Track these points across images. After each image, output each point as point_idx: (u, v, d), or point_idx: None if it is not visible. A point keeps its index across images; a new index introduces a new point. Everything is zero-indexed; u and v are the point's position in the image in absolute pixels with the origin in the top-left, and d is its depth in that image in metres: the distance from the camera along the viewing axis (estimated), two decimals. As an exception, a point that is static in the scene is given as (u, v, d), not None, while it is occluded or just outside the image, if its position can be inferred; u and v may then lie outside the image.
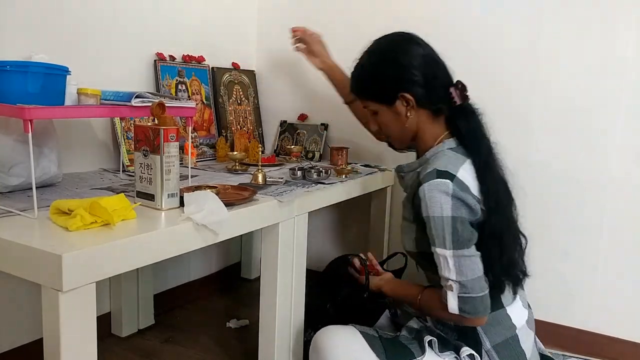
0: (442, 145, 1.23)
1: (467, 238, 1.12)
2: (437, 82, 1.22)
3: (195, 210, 1.05)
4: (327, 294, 1.53)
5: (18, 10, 1.43)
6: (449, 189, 1.12)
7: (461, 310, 1.11)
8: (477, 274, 1.11)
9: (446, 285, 1.13)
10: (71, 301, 0.83)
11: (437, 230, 1.12)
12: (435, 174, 1.14)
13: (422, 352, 1.17)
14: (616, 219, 1.70)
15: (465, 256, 1.11)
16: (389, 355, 1.15)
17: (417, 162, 1.28)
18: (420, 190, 1.15)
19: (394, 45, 1.26)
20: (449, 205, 1.11)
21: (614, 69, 1.65)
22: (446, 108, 1.23)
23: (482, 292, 1.11)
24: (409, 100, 1.22)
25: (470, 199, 1.13)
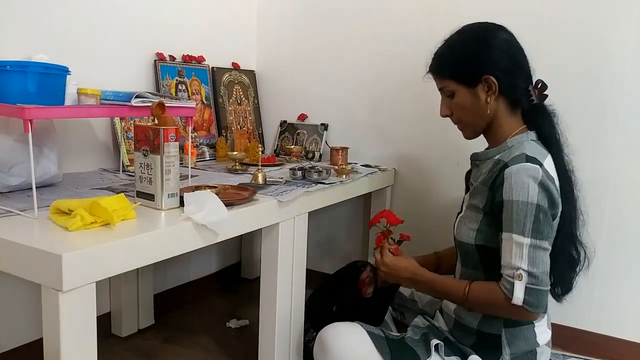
0: (526, 136, 1.19)
1: (547, 230, 1.09)
2: (521, 74, 1.19)
3: (195, 210, 1.05)
4: (334, 296, 1.53)
5: (18, 10, 1.43)
6: (539, 174, 1.08)
7: (525, 302, 1.06)
8: (547, 268, 1.08)
9: (512, 275, 1.07)
10: (71, 301, 0.83)
11: (519, 215, 1.07)
12: (524, 157, 1.10)
13: (428, 354, 1.15)
14: (616, 219, 1.70)
15: (542, 248, 1.08)
16: (394, 357, 1.15)
17: (495, 150, 1.21)
18: (506, 172, 1.10)
19: (484, 29, 1.22)
20: (535, 191, 1.07)
21: (614, 68, 1.65)
22: (525, 102, 1.21)
23: (547, 286, 1.09)
24: (492, 84, 1.17)
25: (554, 191, 1.11)
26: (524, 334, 1.18)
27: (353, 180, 1.70)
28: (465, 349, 1.20)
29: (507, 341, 1.17)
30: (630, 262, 1.69)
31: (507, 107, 1.21)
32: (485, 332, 1.18)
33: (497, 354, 1.17)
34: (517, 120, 1.22)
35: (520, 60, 1.20)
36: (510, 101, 1.20)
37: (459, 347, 1.21)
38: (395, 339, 1.21)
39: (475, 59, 1.19)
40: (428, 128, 1.98)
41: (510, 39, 1.20)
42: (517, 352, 1.17)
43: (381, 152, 2.09)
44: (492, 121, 1.22)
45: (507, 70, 1.17)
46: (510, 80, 1.18)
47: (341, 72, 2.15)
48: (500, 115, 1.21)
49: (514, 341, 1.17)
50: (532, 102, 1.20)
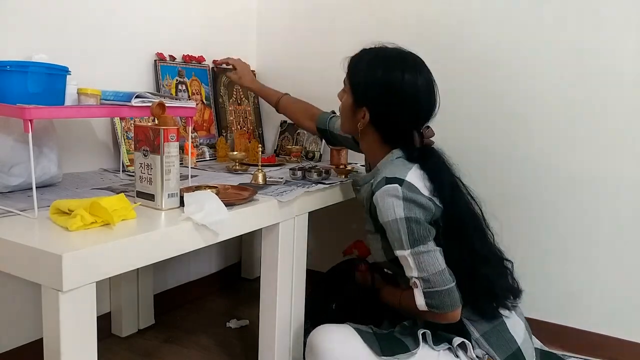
0: (391, 155, 1.27)
1: (423, 235, 1.15)
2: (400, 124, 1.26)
3: (195, 210, 1.05)
4: (332, 294, 1.54)
5: (18, 10, 1.43)
6: (399, 192, 1.16)
7: (429, 306, 1.14)
8: (438, 267, 1.14)
9: (412, 284, 1.16)
10: (71, 301, 0.83)
11: (394, 233, 1.16)
12: (384, 181, 1.19)
13: (417, 345, 1.18)
14: (616, 219, 1.70)
15: (423, 252, 1.14)
16: (383, 349, 1.17)
17: (370, 174, 1.31)
18: (374, 199, 1.20)
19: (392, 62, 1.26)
20: (400, 207, 1.15)
21: (615, 68, 1.65)
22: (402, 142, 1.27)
23: (445, 285, 1.13)
24: (365, 116, 1.27)
25: (421, 198, 1.17)
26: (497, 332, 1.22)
27: (353, 180, 1.70)
28: (449, 336, 1.22)
29: (470, 322, 1.21)
30: (630, 262, 1.69)
31: (380, 138, 1.29)
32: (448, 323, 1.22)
33: (466, 337, 1.20)
34: (389, 147, 1.29)
35: (407, 108, 1.24)
36: (383, 136, 1.29)
37: (445, 335, 1.23)
38: (383, 333, 1.24)
39: (365, 88, 1.27)
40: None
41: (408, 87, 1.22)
42: (485, 328, 1.21)
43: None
44: (366, 143, 1.34)
45: (385, 115, 1.25)
46: (387, 123, 1.26)
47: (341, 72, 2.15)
48: (374, 141, 1.31)
49: (477, 321, 1.21)
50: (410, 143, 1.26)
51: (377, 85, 1.24)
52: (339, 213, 2.22)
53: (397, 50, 1.30)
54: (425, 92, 1.25)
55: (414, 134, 1.26)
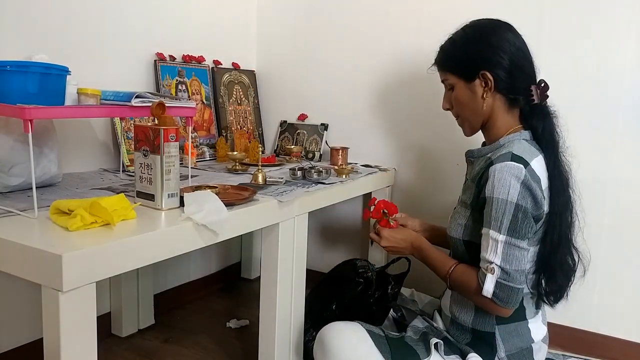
0: (518, 135, 1.20)
1: (525, 230, 1.10)
2: (520, 74, 1.20)
3: (195, 210, 1.05)
4: (333, 295, 1.54)
5: (18, 10, 1.43)
6: (522, 174, 1.09)
7: (494, 295, 1.09)
8: (522, 267, 1.10)
9: (487, 267, 1.10)
10: (71, 301, 0.83)
11: (497, 212, 1.10)
12: (510, 156, 1.12)
13: (428, 353, 1.16)
14: (616, 219, 1.70)
15: (517, 246, 1.09)
16: (394, 356, 1.15)
17: (489, 148, 1.24)
18: (490, 169, 1.12)
19: (490, 27, 1.24)
20: (516, 191, 1.09)
21: (614, 68, 1.65)
22: (524, 102, 1.21)
23: (520, 285, 1.10)
24: (488, 80, 1.19)
25: (538, 192, 1.11)
26: (517, 330, 1.18)
27: (353, 180, 1.70)
28: (464, 348, 1.20)
29: (502, 338, 1.17)
30: (630, 262, 1.69)
31: (504, 104, 1.22)
32: (479, 330, 1.19)
33: (492, 351, 1.17)
34: (513, 119, 1.23)
35: (520, 60, 1.20)
36: (507, 99, 1.22)
37: (458, 346, 1.21)
38: (395, 338, 1.21)
39: (474, 54, 1.21)
40: (428, 128, 1.98)
41: (512, 38, 1.21)
42: (512, 349, 1.18)
43: (381, 152, 2.09)
44: (489, 118, 1.24)
45: (505, 68, 1.18)
46: (508, 78, 1.19)
47: (341, 72, 2.15)
48: (497, 113, 1.23)
49: (508, 338, 1.18)
50: (532, 102, 1.20)
51: (483, 44, 1.20)
52: (339, 213, 2.23)
53: (477, 20, 1.28)
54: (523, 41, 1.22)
55: (533, 89, 1.20)
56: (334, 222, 2.25)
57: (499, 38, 1.20)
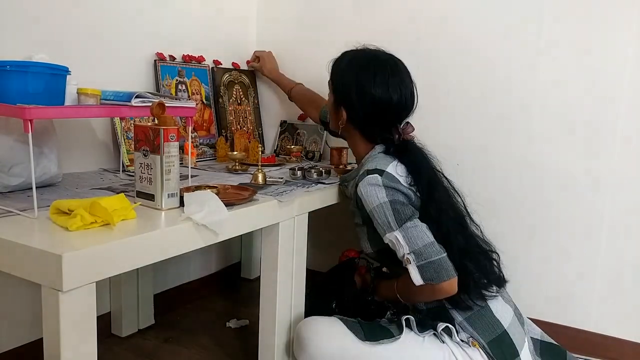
0: (373, 151, 1.34)
1: (409, 214, 1.19)
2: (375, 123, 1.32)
3: (195, 210, 1.05)
4: (333, 294, 1.54)
5: (18, 10, 1.43)
6: (379, 181, 1.22)
7: (425, 279, 1.14)
8: (428, 240, 1.16)
9: (405, 261, 1.17)
10: (71, 301, 0.83)
11: (381, 217, 1.20)
12: (365, 173, 1.26)
13: (400, 331, 1.20)
14: (616, 219, 1.70)
15: (411, 227, 1.18)
16: (367, 335, 1.20)
17: (355, 171, 1.39)
18: (357, 191, 1.26)
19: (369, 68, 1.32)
20: (383, 193, 1.21)
21: (614, 69, 1.65)
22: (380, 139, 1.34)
23: (438, 255, 1.15)
24: (343, 116, 1.35)
25: (401, 187, 1.23)
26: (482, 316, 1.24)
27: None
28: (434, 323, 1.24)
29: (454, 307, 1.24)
30: (630, 262, 1.69)
31: (361, 135, 1.38)
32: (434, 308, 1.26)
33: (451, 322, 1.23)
34: (371, 145, 1.37)
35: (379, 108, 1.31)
36: (362, 134, 1.37)
37: (429, 322, 1.24)
38: (368, 322, 1.27)
39: (342, 87, 1.36)
40: (427, 128, 1.97)
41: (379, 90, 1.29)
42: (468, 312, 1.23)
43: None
44: (350, 141, 1.43)
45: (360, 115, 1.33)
46: (363, 122, 1.34)
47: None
48: (355, 139, 1.40)
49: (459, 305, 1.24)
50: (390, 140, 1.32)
51: (351, 86, 1.32)
52: (339, 213, 2.22)
53: (374, 53, 1.38)
54: (398, 94, 1.30)
55: (393, 131, 1.31)
56: (334, 222, 2.25)
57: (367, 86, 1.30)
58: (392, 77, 1.30)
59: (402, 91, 1.31)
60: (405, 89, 1.32)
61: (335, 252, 2.25)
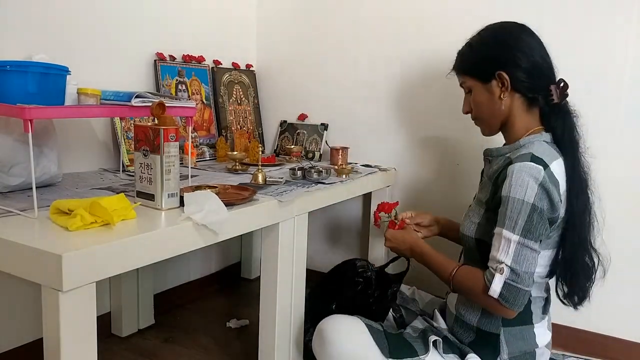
0: (539, 136, 1.19)
1: (539, 232, 1.08)
2: (538, 73, 1.20)
3: (195, 210, 1.05)
4: (333, 295, 1.54)
5: (18, 10, 1.43)
6: (540, 175, 1.08)
7: (501, 296, 1.08)
8: (532, 269, 1.08)
9: (496, 267, 1.09)
10: (71, 301, 0.83)
11: (512, 212, 1.08)
12: (529, 157, 1.11)
13: (426, 350, 1.16)
14: (616, 219, 1.69)
15: (530, 248, 1.08)
16: (392, 351, 1.15)
17: (508, 148, 1.23)
18: (509, 169, 1.11)
19: (505, 28, 1.25)
20: (533, 192, 1.07)
21: (614, 69, 1.65)
22: (543, 102, 1.21)
23: (528, 287, 1.08)
24: (504, 80, 1.19)
25: (555, 195, 1.10)
26: (522, 334, 1.18)
27: (353, 180, 1.70)
28: (463, 348, 1.20)
29: (506, 340, 1.17)
30: (630, 261, 1.69)
31: (523, 104, 1.22)
32: (483, 330, 1.19)
33: (495, 352, 1.17)
34: (533, 119, 1.23)
35: (537, 60, 1.20)
36: (526, 99, 1.21)
37: (458, 345, 1.21)
38: (394, 334, 1.22)
39: (489, 55, 1.22)
40: (428, 128, 1.98)
41: (528, 38, 1.21)
42: (516, 352, 1.17)
43: (381, 152, 2.09)
44: (508, 119, 1.24)
45: (521, 67, 1.18)
46: (525, 78, 1.19)
47: (341, 72, 2.15)
48: (516, 113, 1.22)
49: (512, 341, 1.17)
50: (551, 102, 1.20)
51: (501, 45, 1.21)
52: (339, 213, 2.23)
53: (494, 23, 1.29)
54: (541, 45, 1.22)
55: (552, 88, 1.20)
56: (334, 222, 2.25)
57: (515, 38, 1.20)
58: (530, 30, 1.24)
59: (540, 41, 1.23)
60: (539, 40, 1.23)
61: (335, 252, 2.25)
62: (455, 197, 1.92)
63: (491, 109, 1.24)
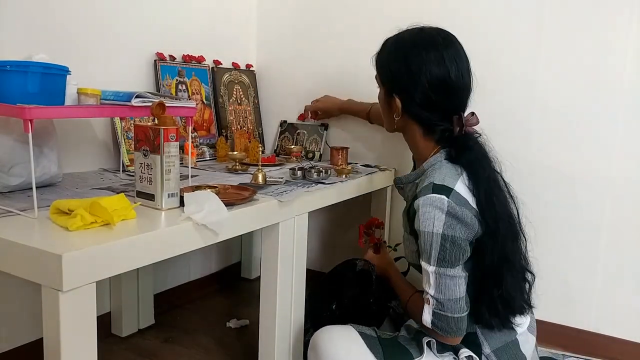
0: (439, 156, 1.19)
1: (455, 258, 1.09)
2: (434, 108, 1.18)
3: (195, 210, 1.05)
4: (333, 295, 1.54)
5: (18, 10, 1.43)
6: (444, 205, 1.08)
7: (434, 325, 1.11)
8: (457, 295, 1.09)
9: (425, 298, 1.13)
10: (71, 301, 0.83)
11: (425, 245, 1.10)
12: (431, 188, 1.10)
13: (421, 352, 1.16)
14: (616, 219, 1.70)
15: (448, 275, 1.09)
16: (387, 356, 1.15)
17: (415, 174, 1.26)
18: (415, 204, 1.12)
19: (419, 47, 1.17)
20: (441, 222, 1.08)
21: (614, 69, 1.65)
22: (439, 133, 1.20)
23: (458, 313, 1.10)
24: (397, 105, 1.22)
25: (467, 214, 1.09)
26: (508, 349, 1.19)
27: (353, 180, 1.70)
28: (457, 346, 1.20)
29: (484, 335, 1.19)
30: (630, 262, 1.69)
31: (419, 129, 1.23)
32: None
33: (478, 349, 1.18)
34: (433, 142, 1.23)
35: (437, 94, 1.16)
36: (421, 126, 1.22)
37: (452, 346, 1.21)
38: (388, 338, 1.22)
39: (392, 73, 1.22)
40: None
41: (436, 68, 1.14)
42: (497, 344, 1.19)
43: (381, 152, 2.09)
44: (408, 137, 1.28)
45: (416, 101, 1.18)
46: (419, 109, 1.19)
47: (342, 72, 2.15)
48: (414, 135, 1.25)
49: (490, 334, 1.19)
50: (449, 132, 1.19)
51: (401, 69, 1.17)
52: (339, 213, 2.22)
53: (419, 30, 1.22)
54: (455, 67, 1.15)
55: (454, 120, 1.17)
56: (334, 222, 2.25)
57: (420, 64, 1.15)
58: (445, 50, 1.15)
59: (458, 64, 1.15)
60: (461, 62, 1.16)
61: (335, 252, 2.25)
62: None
63: (386, 116, 1.30)
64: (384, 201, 2.02)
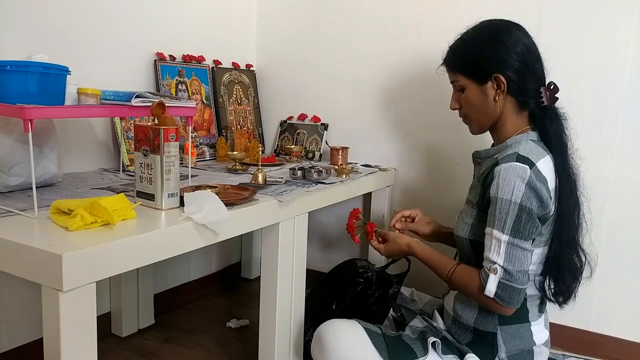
0: (526, 136, 1.20)
1: (529, 232, 1.09)
2: (531, 76, 1.19)
3: (195, 210, 1.05)
4: (333, 295, 1.54)
5: (18, 10, 1.43)
6: (526, 175, 1.09)
7: (496, 295, 1.09)
8: (525, 267, 1.09)
9: (489, 268, 1.10)
10: (71, 301, 0.83)
11: (501, 212, 1.09)
12: (515, 157, 1.11)
13: (425, 352, 1.16)
14: (616, 219, 1.70)
15: (520, 247, 1.09)
16: (391, 354, 1.15)
17: (495, 149, 1.24)
18: (495, 169, 1.12)
19: (501, 27, 1.22)
20: (520, 191, 1.08)
21: (614, 69, 1.65)
22: (533, 104, 1.21)
23: (522, 285, 1.09)
24: (501, 83, 1.18)
25: (544, 192, 1.10)
26: (519, 332, 1.18)
27: (353, 180, 1.70)
28: (462, 348, 1.20)
29: (503, 339, 1.17)
30: (630, 262, 1.69)
31: (514, 106, 1.22)
32: (480, 330, 1.19)
33: (493, 351, 1.17)
34: (522, 120, 1.23)
35: (532, 62, 1.19)
36: (518, 101, 1.21)
37: (457, 345, 1.21)
38: (393, 336, 1.21)
39: (487, 56, 1.20)
40: (428, 128, 1.98)
41: (525, 39, 1.20)
42: (513, 350, 1.17)
43: (381, 152, 2.09)
44: (498, 120, 1.24)
45: (517, 71, 1.18)
46: (520, 81, 1.19)
47: (341, 72, 2.15)
48: (507, 115, 1.23)
49: (509, 339, 1.17)
50: (541, 104, 1.20)
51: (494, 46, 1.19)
52: (339, 213, 2.22)
53: (486, 21, 1.27)
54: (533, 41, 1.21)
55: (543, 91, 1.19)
56: (334, 222, 2.25)
57: (511, 39, 1.19)
58: (521, 29, 1.21)
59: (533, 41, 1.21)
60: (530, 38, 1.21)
61: (335, 252, 2.25)
62: (456, 196, 1.91)
63: (484, 110, 1.24)
64: (384, 201, 2.02)
